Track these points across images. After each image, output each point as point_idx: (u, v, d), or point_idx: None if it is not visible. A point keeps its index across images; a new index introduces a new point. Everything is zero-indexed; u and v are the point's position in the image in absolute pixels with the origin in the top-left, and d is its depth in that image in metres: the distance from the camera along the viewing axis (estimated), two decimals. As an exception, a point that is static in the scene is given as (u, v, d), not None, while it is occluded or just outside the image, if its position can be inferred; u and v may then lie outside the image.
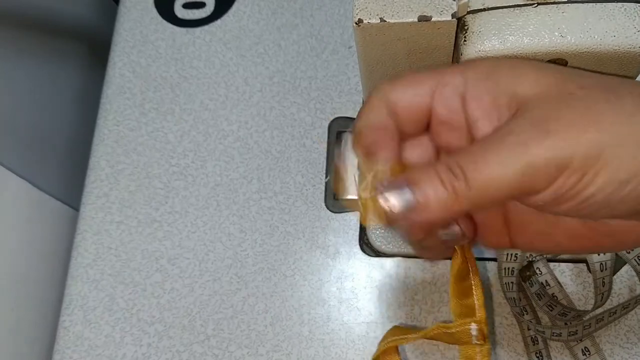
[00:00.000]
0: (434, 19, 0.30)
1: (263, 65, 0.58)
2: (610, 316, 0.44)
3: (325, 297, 0.50)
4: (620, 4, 0.30)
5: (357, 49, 0.33)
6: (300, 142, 0.55)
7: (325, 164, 0.54)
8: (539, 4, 0.31)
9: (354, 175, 0.53)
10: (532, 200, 0.23)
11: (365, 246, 0.51)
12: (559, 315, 0.46)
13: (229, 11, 0.61)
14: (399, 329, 0.46)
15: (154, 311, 0.51)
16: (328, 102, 0.56)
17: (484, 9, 0.31)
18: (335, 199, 0.53)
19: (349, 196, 0.51)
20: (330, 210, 0.53)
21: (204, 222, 0.53)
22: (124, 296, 0.52)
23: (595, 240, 0.26)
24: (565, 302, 0.47)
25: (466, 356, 0.33)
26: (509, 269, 0.46)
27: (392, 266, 0.50)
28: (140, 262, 0.52)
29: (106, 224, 0.54)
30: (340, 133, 0.55)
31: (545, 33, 0.30)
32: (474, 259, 0.32)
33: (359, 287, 0.50)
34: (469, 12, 0.31)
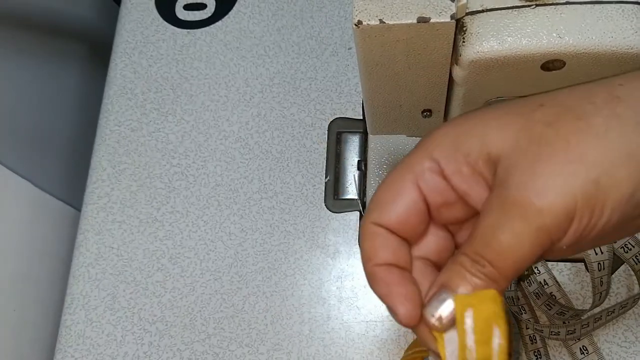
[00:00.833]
0: (432, 20, 0.30)
1: (263, 66, 0.59)
2: (608, 315, 0.44)
3: (325, 296, 0.50)
4: (618, 5, 0.31)
5: (356, 50, 0.33)
6: (301, 143, 0.55)
7: (325, 164, 0.54)
8: (537, 5, 0.31)
9: (354, 175, 0.53)
10: (556, 249, 0.24)
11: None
12: (557, 314, 0.46)
13: (230, 13, 0.61)
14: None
15: (155, 310, 0.51)
16: (328, 103, 0.57)
17: (483, 10, 0.32)
18: (334, 198, 0.53)
19: (348, 196, 0.51)
20: (330, 210, 0.53)
21: (204, 221, 0.54)
22: (126, 295, 0.52)
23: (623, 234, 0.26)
24: (563, 301, 0.48)
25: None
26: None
27: (392, 266, 0.50)
28: (142, 261, 0.53)
29: (108, 223, 0.54)
30: (340, 133, 0.55)
31: (544, 34, 0.31)
32: None
33: (358, 286, 0.50)
34: (467, 14, 0.32)
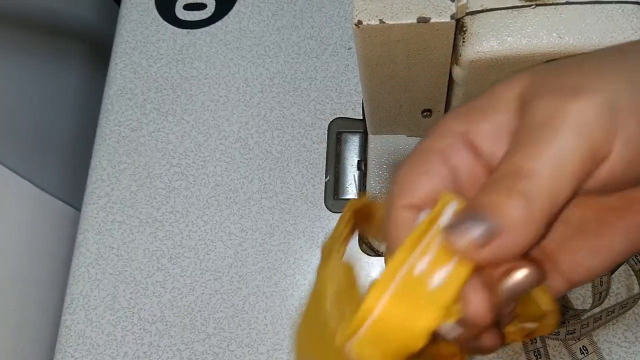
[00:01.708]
0: (432, 20, 0.30)
1: (263, 66, 0.59)
2: (608, 315, 0.44)
3: (325, 297, 0.50)
4: (618, 5, 0.31)
5: (356, 50, 0.33)
6: (301, 143, 0.55)
7: (325, 164, 0.54)
8: (537, 5, 0.31)
9: (354, 175, 0.53)
10: (604, 169, 0.20)
11: (365, 246, 0.51)
12: (557, 314, 0.46)
13: (230, 13, 0.61)
14: None
15: (155, 310, 0.51)
16: (328, 103, 0.57)
17: (483, 10, 0.32)
18: (334, 198, 0.53)
19: (348, 195, 0.51)
20: (330, 210, 0.53)
21: (204, 221, 0.54)
22: (126, 295, 0.52)
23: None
24: (563, 301, 0.48)
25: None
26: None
27: (392, 265, 0.50)
28: (142, 261, 0.53)
29: (108, 223, 0.54)
30: (340, 133, 0.55)
31: (544, 34, 0.31)
32: None
33: (358, 287, 0.50)
34: (467, 14, 0.32)
